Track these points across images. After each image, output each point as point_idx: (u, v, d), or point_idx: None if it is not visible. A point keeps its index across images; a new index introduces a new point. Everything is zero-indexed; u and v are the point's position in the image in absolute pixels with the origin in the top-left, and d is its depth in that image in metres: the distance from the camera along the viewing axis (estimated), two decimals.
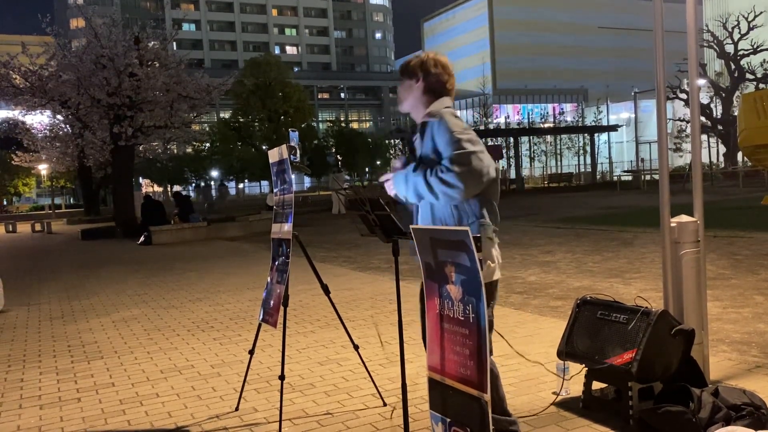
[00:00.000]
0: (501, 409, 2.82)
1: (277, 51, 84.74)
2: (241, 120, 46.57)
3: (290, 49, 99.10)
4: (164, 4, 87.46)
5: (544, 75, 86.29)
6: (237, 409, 3.73)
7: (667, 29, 3.55)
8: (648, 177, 32.68)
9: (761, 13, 40.82)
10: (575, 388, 3.54)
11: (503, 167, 45.47)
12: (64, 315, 7.05)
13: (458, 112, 2.86)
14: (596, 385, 3.42)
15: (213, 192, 46.51)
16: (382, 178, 2.92)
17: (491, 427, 2.21)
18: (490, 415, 2.20)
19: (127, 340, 5.65)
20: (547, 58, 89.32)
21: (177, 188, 44.25)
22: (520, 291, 6.84)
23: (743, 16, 40.74)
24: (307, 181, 62.25)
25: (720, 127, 41.69)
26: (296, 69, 79.23)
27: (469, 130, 2.68)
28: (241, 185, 58.93)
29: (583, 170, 47.20)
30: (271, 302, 3.64)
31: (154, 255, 13.24)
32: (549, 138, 52.31)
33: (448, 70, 2.87)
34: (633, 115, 52.06)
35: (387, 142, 53.72)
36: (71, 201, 55.22)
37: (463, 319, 2.28)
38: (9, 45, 24.90)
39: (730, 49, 41.85)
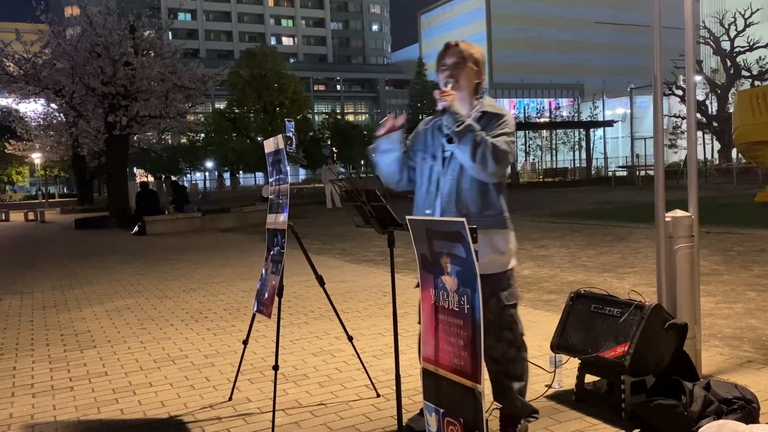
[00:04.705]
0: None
1: (273, 42, 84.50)
2: (237, 111, 46.47)
3: (286, 40, 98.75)
4: None
5: (540, 69, 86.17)
6: (230, 398, 3.73)
7: (664, 25, 3.55)
8: (643, 173, 32.76)
9: (758, 10, 40.92)
10: (568, 381, 3.56)
11: None
12: (57, 304, 7.03)
13: None
14: (589, 378, 3.44)
15: (226, 182, 46.92)
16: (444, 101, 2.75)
17: (485, 417, 2.22)
18: (484, 405, 2.21)
19: (120, 330, 5.64)
20: (543, 52, 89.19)
21: (162, 178, 44.20)
22: None
23: (740, 13, 40.83)
24: (302, 173, 62.16)
25: (715, 124, 41.82)
26: (292, 60, 79.03)
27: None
28: (236, 175, 58.85)
29: (578, 165, 47.26)
30: (266, 293, 3.63)
31: (147, 245, 13.21)
32: (544, 132, 52.33)
33: None
34: (628, 111, 52.09)
35: None
36: (65, 190, 55.04)
37: (457, 310, 2.29)
38: (3, 32, 24.66)
39: (726, 45, 41.96)
